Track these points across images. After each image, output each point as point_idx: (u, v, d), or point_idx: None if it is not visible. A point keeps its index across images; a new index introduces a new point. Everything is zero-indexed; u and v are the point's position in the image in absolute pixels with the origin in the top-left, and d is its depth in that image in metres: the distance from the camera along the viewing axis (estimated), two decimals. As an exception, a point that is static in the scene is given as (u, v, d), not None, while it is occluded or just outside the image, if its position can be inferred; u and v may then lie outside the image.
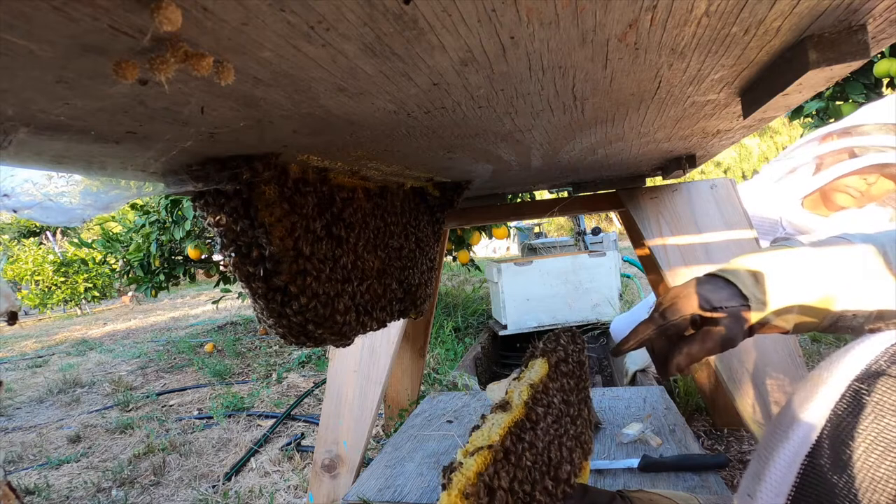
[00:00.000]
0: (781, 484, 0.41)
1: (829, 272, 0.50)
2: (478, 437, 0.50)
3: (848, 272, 0.49)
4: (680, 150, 0.80)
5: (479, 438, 0.50)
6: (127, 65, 0.20)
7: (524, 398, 0.57)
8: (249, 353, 3.92)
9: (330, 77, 0.28)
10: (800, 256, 0.51)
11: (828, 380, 0.42)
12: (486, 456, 0.47)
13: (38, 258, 8.57)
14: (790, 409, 0.44)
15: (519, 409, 0.55)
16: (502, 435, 0.50)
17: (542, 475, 0.54)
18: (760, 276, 0.51)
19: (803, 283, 0.50)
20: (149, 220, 3.62)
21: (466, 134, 0.48)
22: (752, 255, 0.54)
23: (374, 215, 0.65)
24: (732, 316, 0.51)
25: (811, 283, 0.50)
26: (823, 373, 0.44)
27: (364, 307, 0.61)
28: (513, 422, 0.53)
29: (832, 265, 0.50)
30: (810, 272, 0.50)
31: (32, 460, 2.34)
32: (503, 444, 0.49)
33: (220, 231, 0.47)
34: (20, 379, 4.12)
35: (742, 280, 0.52)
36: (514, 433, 0.52)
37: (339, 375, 1.44)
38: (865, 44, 0.33)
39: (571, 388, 0.67)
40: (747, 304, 0.51)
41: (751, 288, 0.51)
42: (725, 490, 0.99)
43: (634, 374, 2.05)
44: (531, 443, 0.53)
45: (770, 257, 0.52)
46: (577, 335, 0.75)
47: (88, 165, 0.35)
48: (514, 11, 0.24)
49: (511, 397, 0.57)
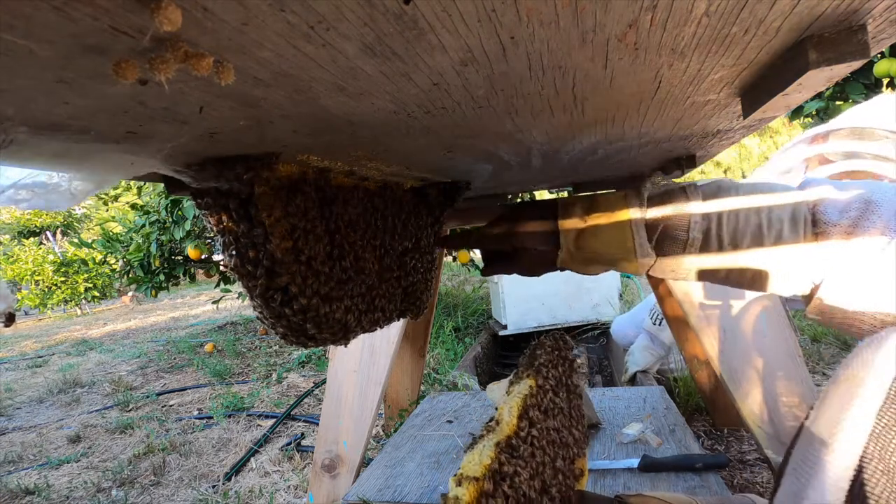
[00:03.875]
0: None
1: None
2: (469, 461, 0.50)
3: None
4: (680, 150, 0.80)
5: (470, 464, 0.49)
6: (127, 65, 0.20)
7: (515, 414, 0.57)
8: (249, 353, 3.92)
9: (330, 77, 0.28)
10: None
11: (865, 380, 0.39)
12: (476, 487, 0.46)
13: (38, 258, 8.57)
14: (827, 417, 0.40)
15: (510, 425, 0.55)
16: (492, 458, 0.50)
17: (540, 491, 0.54)
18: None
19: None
20: (149, 220, 3.62)
21: (466, 134, 0.48)
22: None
23: (374, 215, 0.65)
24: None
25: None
26: (860, 372, 0.40)
27: (364, 307, 0.61)
28: (504, 439, 0.53)
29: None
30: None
31: (32, 460, 2.34)
32: (493, 470, 0.49)
33: (221, 231, 0.47)
34: (20, 379, 4.12)
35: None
36: (506, 451, 0.52)
37: (339, 375, 1.44)
38: (865, 44, 0.33)
39: (560, 391, 0.67)
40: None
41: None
42: (725, 490, 0.99)
43: (634, 374, 2.05)
44: (525, 461, 0.53)
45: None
46: (560, 338, 0.76)
47: (88, 165, 0.35)
48: (514, 11, 0.24)
49: (501, 415, 0.57)
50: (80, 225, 13.98)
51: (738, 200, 0.55)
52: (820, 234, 0.51)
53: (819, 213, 0.52)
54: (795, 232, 0.52)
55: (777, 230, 0.52)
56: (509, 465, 0.50)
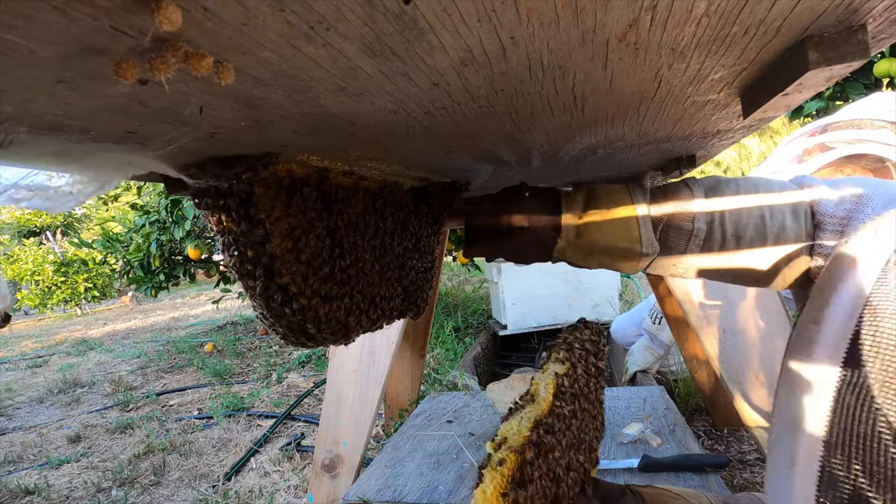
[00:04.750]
0: (847, 324, 0.41)
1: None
2: (508, 429, 0.51)
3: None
4: (680, 150, 0.80)
5: (510, 433, 0.50)
6: (127, 65, 0.20)
7: (550, 391, 0.57)
8: (249, 353, 3.92)
9: (330, 77, 0.28)
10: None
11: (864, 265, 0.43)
12: (517, 456, 0.47)
13: (38, 258, 8.57)
14: (842, 264, 0.44)
15: (546, 401, 0.56)
16: (530, 429, 0.50)
17: (565, 469, 0.54)
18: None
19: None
20: (149, 220, 3.62)
21: (466, 134, 0.48)
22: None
23: (374, 215, 0.65)
24: None
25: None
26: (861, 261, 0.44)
27: (364, 307, 0.61)
28: (541, 414, 0.53)
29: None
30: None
31: (32, 460, 2.34)
32: (533, 441, 0.49)
33: (221, 231, 0.47)
34: (20, 379, 4.12)
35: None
36: (543, 426, 0.52)
37: (339, 375, 1.44)
38: (865, 44, 0.33)
39: (592, 380, 0.67)
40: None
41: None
42: (725, 490, 0.99)
43: (634, 374, 2.05)
44: (557, 438, 0.54)
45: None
46: (597, 328, 0.74)
47: (88, 165, 0.35)
48: (514, 11, 0.24)
49: (537, 389, 0.57)
50: (80, 225, 13.99)
51: (739, 195, 0.55)
52: (818, 226, 0.52)
53: (817, 208, 0.52)
54: (798, 225, 0.53)
55: (780, 223, 0.53)
56: (546, 440, 0.51)
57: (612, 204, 0.58)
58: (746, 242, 0.54)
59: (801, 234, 0.53)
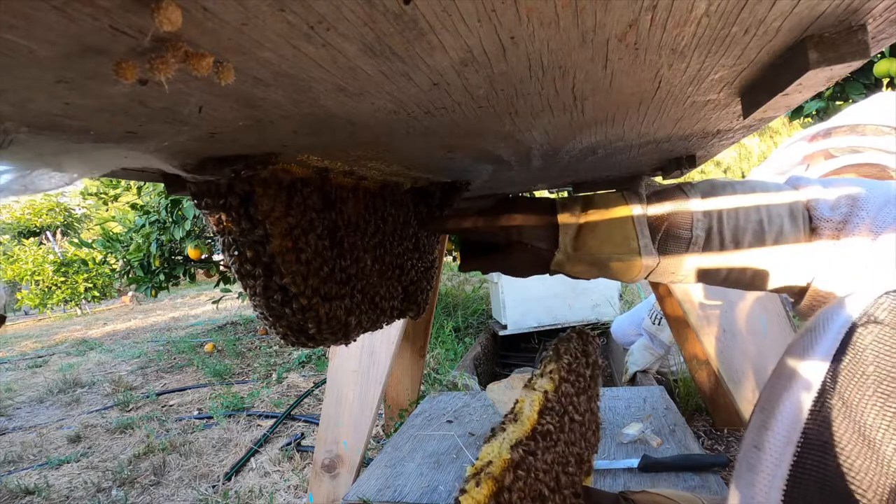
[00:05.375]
0: (791, 431, 0.40)
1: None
2: (487, 453, 0.50)
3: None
4: (680, 150, 0.80)
5: (489, 456, 0.49)
6: (127, 65, 0.20)
7: (536, 409, 0.56)
8: (249, 353, 3.92)
9: (330, 77, 0.28)
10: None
11: (827, 328, 0.41)
12: (494, 484, 0.46)
13: (38, 258, 8.57)
14: (792, 358, 0.43)
15: (530, 420, 0.55)
16: (510, 453, 0.49)
17: (552, 487, 0.53)
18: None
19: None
20: (149, 220, 3.63)
21: (466, 134, 0.48)
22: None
23: (374, 215, 0.65)
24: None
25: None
26: (819, 325, 0.42)
27: (364, 307, 0.61)
28: (523, 435, 0.52)
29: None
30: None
31: (32, 460, 2.34)
32: (512, 464, 0.49)
33: (221, 231, 0.47)
34: (20, 379, 4.12)
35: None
36: (525, 447, 0.51)
37: (339, 375, 1.44)
38: (865, 44, 0.33)
39: (583, 394, 0.67)
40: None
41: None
42: (725, 490, 0.99)
43: (634, 374, 2.05)
44: (542, 455, 0.53)
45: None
46: (589, 337, 0.74)
47: (87, 165, 0.35)
48: (514, 11, 0.24)
49: (521, 408, 0.56)
50: (80, 225, 13.98)
51: (736, 198, 0.55)
52: (815, 229, 0.52)
53: (813, 210, 0.52)
54: (796, 227, 0.52)
55: (778, 226, 0.53)
56: (526, 462, 0.50)
57: (608, 205, 0.58)
58: (745, 247, 0.54)
59: (799, 237, 0.52)
